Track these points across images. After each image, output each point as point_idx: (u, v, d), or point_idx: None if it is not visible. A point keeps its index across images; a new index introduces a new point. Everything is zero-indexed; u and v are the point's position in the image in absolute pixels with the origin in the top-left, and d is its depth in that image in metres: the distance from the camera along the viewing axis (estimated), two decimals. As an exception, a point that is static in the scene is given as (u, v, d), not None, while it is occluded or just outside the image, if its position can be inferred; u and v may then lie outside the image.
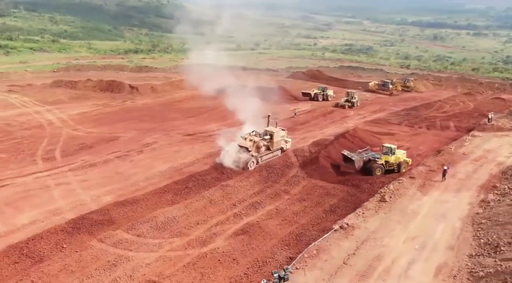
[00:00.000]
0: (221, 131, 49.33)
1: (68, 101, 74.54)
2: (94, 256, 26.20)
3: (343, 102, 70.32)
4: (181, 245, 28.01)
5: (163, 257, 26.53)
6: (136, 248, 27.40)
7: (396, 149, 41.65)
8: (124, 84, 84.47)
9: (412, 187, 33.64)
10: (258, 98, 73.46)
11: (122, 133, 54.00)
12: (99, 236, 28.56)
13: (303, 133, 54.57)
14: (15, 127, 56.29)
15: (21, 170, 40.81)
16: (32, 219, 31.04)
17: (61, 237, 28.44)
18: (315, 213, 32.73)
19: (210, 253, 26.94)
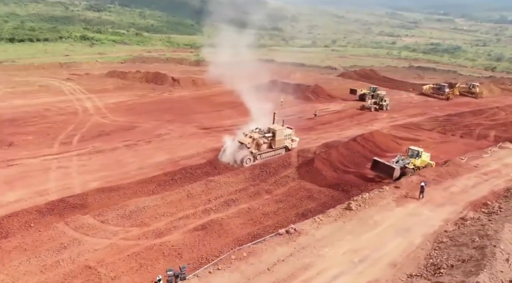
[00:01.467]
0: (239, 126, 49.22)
1: (112, 91, 78.94)
2: (51, 237, 27.55)
3: (369, 105, 66.41)
4: (137, 234, 28.50)
5: (113, 244, 27.18)
6: (93, 233, 28.37)
7: (422, 152, 39.14)
8: (167, 76, 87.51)
9: (390, 197, 31.07)
10: (290, 95, 72.81)
11: (143, 123, 56.04)
12: (67, 219, 29.94)
13: (319, 133, 52.73)
14: (52, 113, 60.81)
15: (35, 152, 44.00)
16: (19, 197, 33.34)
17: (34, 216, 30.21)
18: (285, 216, 31.56)
19: (159, 245, 27.12)
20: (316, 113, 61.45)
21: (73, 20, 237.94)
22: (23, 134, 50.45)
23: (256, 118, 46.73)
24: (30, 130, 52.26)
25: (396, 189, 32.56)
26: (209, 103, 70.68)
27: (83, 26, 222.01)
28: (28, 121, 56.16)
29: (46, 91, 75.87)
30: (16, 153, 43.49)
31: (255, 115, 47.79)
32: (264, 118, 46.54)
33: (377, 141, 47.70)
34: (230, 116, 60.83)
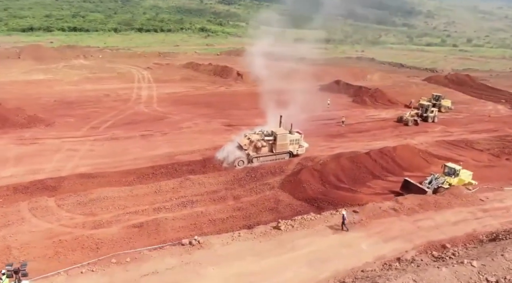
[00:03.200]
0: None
1: (176, 81, 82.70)
2: (4, 214, 29.89)
3: (408, 117, 57.11)
4: (77, 223, 29.43)
5: (49, 229, 28.46)
6: (42, 216, 30.03)
7: (460, 170, 34.85)
8: (233, 70, 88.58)
9: (332, 220, 27.11)
10: (347, 98, 68.35)
11: (176, 115, 57.65)
12: (32, 199, 32.15)
13: (343, 142, 48.49)
14: (108, 98, 65.97)
15: (62, 133, 48.20)
16: (14, 173, 36.88)
17: (9, 193, 33.10)
18: (230, 226, 29.75)
19: (87, 237, 27.65)
20: (343, 119, 56.54)
21: (204, 13, 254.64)
22: (69, 116, 55.61)
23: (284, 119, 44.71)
24: (77, 113, 57.36)
25: (354, 213, 28.39)
26: (257, 100, 69.52)
27: (207, 18, 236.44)
28: (83, 104, 61.70)
29: (120, 78, 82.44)
30: (46, 133, 48.14)
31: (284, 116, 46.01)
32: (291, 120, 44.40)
33: (398, 157, 42.11)
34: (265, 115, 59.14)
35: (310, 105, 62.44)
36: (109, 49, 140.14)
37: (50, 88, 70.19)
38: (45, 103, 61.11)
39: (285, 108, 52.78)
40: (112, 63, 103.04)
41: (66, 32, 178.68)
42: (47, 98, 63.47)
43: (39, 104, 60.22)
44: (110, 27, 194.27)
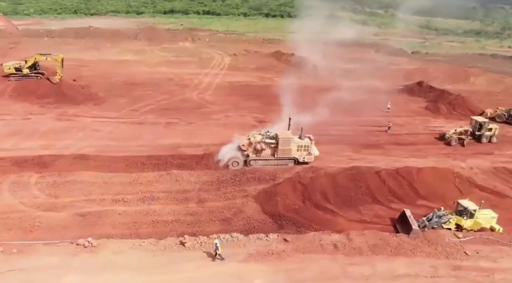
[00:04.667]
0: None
1: (249, 70, 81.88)
2: (-13, 183, 32.85)
3: (450, 135, 45.75)
4: (36, 202, 30.76)
5: (8, 205, 30.17)
6: (15, 191, 32.03)
7: (479, 211, 28.72)
8: (309, 62, 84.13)
9: (251, 247, 23.32)
10: (424, 102, 60.27)
11: (218, 105, 57.05)
12: (21, 173, 34.74)
13: (371, 154, 42.36)
14: (170, 82, 68.26)
15: (101, 113, 51.39)
16: (30, 146, 40.39)
17: (7, 164, 36.23)
18: (169, 230, 28.23)
19: (32, 218, 28.69)
20: (389, 126, 49.12)
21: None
22: (123, 97, 59.02)
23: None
24: (133, 94, 60.52)
25: (284, 242, 24.33)
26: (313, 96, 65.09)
27: (342, 4, 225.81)
28: (144, 86, 64.80)
29: (197, 63, 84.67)
30: (88, 111, 51.81)
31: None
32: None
33: (420, 182, 35.16)
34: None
35: (366, 108, 56.47)
36: (224, 33, 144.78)
37: (127, 69, 75.30)
38: (113, 83, 65.63)
39: (330, 109, 48.87)
40: (209, 48, 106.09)
41: (200, 15, 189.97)
42: (117, 78, 68.12)
43: (107, 84, 64.90)
44: (240, 11, 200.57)
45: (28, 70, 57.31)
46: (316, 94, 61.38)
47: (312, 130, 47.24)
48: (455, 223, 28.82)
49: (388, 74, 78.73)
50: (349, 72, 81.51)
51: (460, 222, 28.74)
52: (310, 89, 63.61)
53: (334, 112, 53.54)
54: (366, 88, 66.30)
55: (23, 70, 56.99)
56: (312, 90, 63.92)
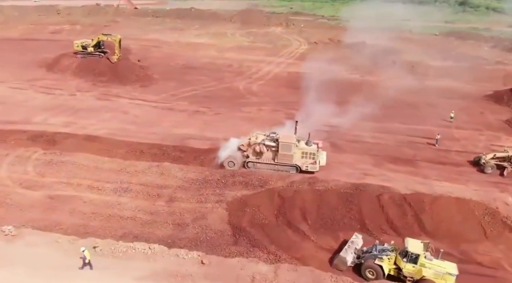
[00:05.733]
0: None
1: (318, 61, 76.72)
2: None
3: (487, 160, 36.07)
4: (21, 178, 32.25)
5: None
6: (12, 165, 34.10)
7: (427, 257, 23.43)
8: (388, 57, 76.15)
9: (164, 260, 20.87)
10: (499, 114, 51.49)
11: (259, 97, 54.51)
12: (29, 148, 36.82)
13: (394, 171, 36.16)
14: (227, 68, 67.30)
15: (141, 95, 52.67)
16: (57, 122, 43.09)
17: (23, 138, 38.60)
18: (114, 228, 27.32)
19: (5, 194, 30.18)
20: (437, 138, 41.39)
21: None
22: (174, 80, 59.85)
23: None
24: (184, 78, 60.95)
25: (200, 264, 21.54)
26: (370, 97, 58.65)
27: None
28: (200, 71, 64.87)
29: (269, 49, 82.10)
30: (130, 92, 53.38)
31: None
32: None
33: (431, 214, 28.95)
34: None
35: (427, 114, 49.38)
36: (327, 19, 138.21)
37: (195, 52, 76.12)
38: (173, 66, 66.87)
39: (382, 112, 43.83)
40: (296, 34, 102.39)
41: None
42: (179, 61, 69.23)
43: (167, 66, 66.35)
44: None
45: (92, 48, 60.79)
46: (374, 94, 55.16)
47: (341, 136, 42.55)
48: (391, 261, 23.85)
49: (485, 75, 67.85)
50: (437, 70, 72.10)
51: (400, 264, 23.64)
52: (372, 88, 57.21)
53: (384, 117, 47.69)
54: (443, 91, 57.89)
55: (88, 48, 60.72)
56: (374, 89, 57.44)
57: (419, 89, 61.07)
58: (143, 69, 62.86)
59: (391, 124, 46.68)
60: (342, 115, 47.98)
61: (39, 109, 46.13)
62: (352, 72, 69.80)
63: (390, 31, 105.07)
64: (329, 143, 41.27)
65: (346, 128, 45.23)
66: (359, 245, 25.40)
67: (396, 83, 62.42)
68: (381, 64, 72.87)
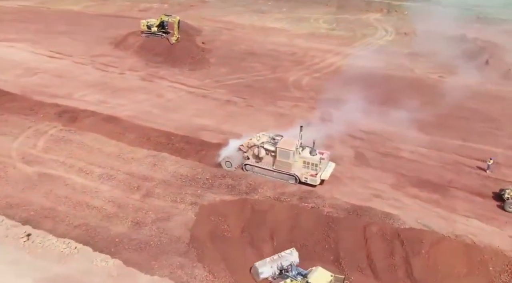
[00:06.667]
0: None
1: (395, 55, 68.79)
2: (14, 125, 37.75)
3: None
4: (26, 152, 33.76)
5: (5, 148, 34.25)
6: (28, 137, 35.94)
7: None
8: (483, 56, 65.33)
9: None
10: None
11: (303, 92, 50.37)
12: (52, 123, 38.67)
13: (419, 198, 30.44)
14: (289, 57, 63.55)
15: (184, 79, 52.09)
16: (92, 100, 44.48)
17: (51, 112, 40.55)
18: (82, 217, 27.13)
19: (3, 166, 31.91)
20: (489, 163, 33.63)
21: None
22: (227, 66, 58.34)
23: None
24: (239, 64, 58.97)
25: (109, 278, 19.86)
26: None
27: None
28: (260, 58, 61.99)
29: (346, 39, 75.68)
30: (175, 76, 53.11)
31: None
32: None
33: (424, 258, 23.84)
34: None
35: (496, 132, 41.76)
36: (442, 5, 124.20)
37: (264, 37, 73.40)
38: (234, 50, 65.22)
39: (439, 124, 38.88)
40: (391, 23, 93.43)
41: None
42: (242, 46, 67.27)
43: (229, 50, 64.96)
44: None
45: (156, 28, 61.89)
46: (441, 100, 48.01)
47: (374, 146, 37.30)
48: None
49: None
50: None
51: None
52: (444, 92, 49.53)
53: (439, 129, 41.01)
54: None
55: (152, 28, 61.91)
56: (445, 93, 49.64)
57: (507, 98, 51.36)
58: (203, 52, 62.28)
59: (443, 138, 39.74)
60: (388, 122, 42.25)
61: (85, 85, 48.13)
62: (431, 71, 61.14)
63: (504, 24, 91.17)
64: (355, 152, 36.45)
65: (386, 137, 39.65)
66: (289, 261, 22.16)
67: (479, 88, 53.42)
68: (471, 64, 62.79)
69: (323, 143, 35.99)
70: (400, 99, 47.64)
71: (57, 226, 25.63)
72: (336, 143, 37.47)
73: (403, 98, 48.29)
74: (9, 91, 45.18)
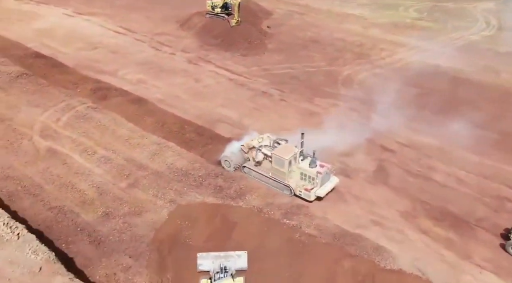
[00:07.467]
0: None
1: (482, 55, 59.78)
2: (52, 99, 39.78)
3: None
4: (46, 126, 35.19)
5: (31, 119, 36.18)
6: (55, 112, 37.42)
7: None
8: None
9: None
10: None
11: (351, 90, 45.79)
12: (83, 99, 39.96)
13: (427, 234, 25.92)
14: (356, 48, 58.56)
15: (232, 64, 50.46)
16: (129, 77, 45.22)
17: (88, 88, 42.00)
18: (62, 200, 27.55)
19: (21, 137, 33.64)
20: None
21: None
22: (283, 53, 55.56)
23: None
24: (301, 53, 55.51)
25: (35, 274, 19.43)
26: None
27: None
28: (320, 47, 58.19)
29: (431, 31, 66.97)
30: (222, 60, 51.68)
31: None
32: None
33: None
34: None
35: None
36: None
37: (338, 24, 68.27)
38: (299, 37, 61.72)
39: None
40: (501, 13, 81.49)
41: None
42: (308, 33, 63.29)
43: (293, 36, 61.59)
44: None
45: (219, 9, 60.93)
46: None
47: (404, 162, 32.61)
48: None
49: None
50: None
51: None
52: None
53: (499, 150, 34.77)
54: None
55: (216, 9, 61.06)
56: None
57: None
58: (264, 36, 60.03)
59: (497, 163, 33.49)
60: (436, 135, 36.87)
61: (133, 63, 49.06)
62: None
63: None
64: (378, 166, 32.14)
65: (424, 153, 34.48)
66: (234, 263, 19.98)
67: None
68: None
69: (343, 151, 32.36)
70: (465, 109, 41.32)
71: (34, 205, 26.21)
72: (358, 153, 33.38)
73: (469, 108, 41.81)
74: (64, 64, 47.62)
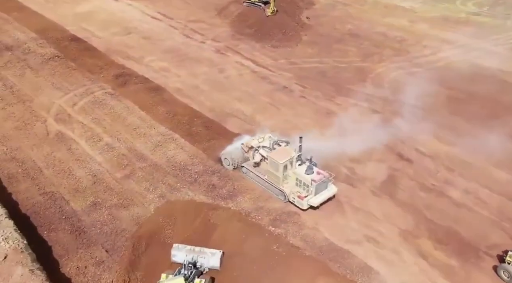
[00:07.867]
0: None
1: None
2: (74, 82, 40.66)
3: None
4: (62, 110, 36.02)
5: (49, 103, 37.12)
6: (74, 96, 38.17)
7: None
8: None
9: None
10: None
11: (385, 93, 42.66)
12: (104, 84, 40.45)
13: (430, 265, 23.64)
14: (397, 43, 54.68)
15: (260, 55, 49.01)
16: (155, 64, 45.04)
17: (111, 74, 42.40)
18: (56, 187, 28.06)
19: (35, 119, 34.57)
20: None
21: None
22: (317, 46, 53.31)
23: None
24: (331, 47, 52.88)
25: None
26: None
27: None
28: (358, 41, 55.08)
29: (486, 28, 60.74)
30: (252, 50, 50.19)
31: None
32: None
33: None
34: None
35: None
36: None
37: (382, 17, 63.86)
38: (336, 29, 58.62)
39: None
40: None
41: None
42: (349, 25, 60.07)
43: (331, 29, 58.59)
44: None
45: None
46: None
47: (420, 175, 30.06)
48: None
49: None
50: None
51: None
52: None
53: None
54: None
55: (253, -2, 59.71)
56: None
57: None
58: (301, 28, 57.93)
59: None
60: (463, 146, 33.92)
61: (161, 50, 49.05)
62: None
63: None
64: (388, 177, 29.93)
65: (445, 165, 31.82)
66: (207, 260, 21.11)
67: None
68: None
69: (351, 157, 30.40)
70: (507, 119, 37.50)
71: (29, 188, 26.88)
72: (370, 159, 31.20)
73: (511, 118, 37.88)
74: (96, 47, 48.50)
